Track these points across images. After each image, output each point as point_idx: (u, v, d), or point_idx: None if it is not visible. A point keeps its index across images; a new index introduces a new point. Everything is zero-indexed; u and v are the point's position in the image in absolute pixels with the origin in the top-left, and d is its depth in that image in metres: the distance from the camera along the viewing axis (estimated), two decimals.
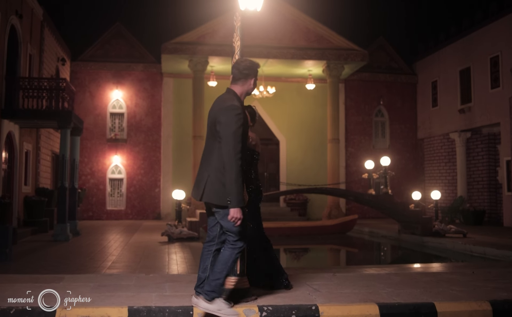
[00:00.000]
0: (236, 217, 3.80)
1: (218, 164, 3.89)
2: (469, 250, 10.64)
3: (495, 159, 18.20)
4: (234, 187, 3.77)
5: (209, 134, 4.05)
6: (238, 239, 3.96)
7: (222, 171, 3.86)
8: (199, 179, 4.04)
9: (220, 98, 4.11)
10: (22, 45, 14.15)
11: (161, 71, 20.50)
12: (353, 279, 5.62)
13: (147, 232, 14.29)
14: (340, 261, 12.12)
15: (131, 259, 8.74)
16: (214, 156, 3.94)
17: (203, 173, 4.01)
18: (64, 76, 18.90)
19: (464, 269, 6.75)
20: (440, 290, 5.02)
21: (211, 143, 4.00)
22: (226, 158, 3.79)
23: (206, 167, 3.99)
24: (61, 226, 12.11)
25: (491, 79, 17.45)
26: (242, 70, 4.10)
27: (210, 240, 4.19)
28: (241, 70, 4.10)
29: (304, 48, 18.55)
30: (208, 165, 3.97)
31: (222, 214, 3.95)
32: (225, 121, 3.85)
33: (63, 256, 9.19)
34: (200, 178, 4.04)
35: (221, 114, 3.90)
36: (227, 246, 3.99)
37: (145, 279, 5.54)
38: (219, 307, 3.92)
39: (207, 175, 3.94)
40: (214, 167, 3.92)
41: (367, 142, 21.97)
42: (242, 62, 4.15)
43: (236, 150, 3.78)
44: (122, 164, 20.56)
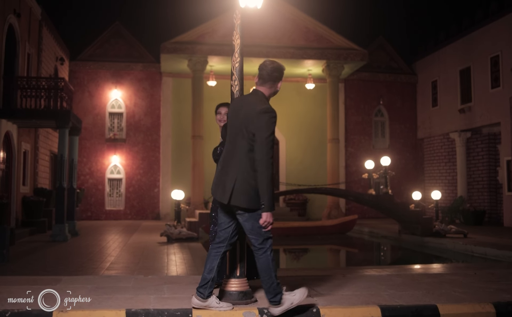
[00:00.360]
0: (269, 221, 3.82)
1: (248, 166, 3.86)
2: (470, 250, 10.58)
3: (495, 159, 18.15)
4: (267, 191, 3.77)
5: (235, 135, 3.98)
6: (263, 239, 3.94)
7: (251, 174, 3.85)
8: (225, 180, 3.94)
9: (249, 99, 4.06)
10: (20, 44, 14.07)
11: (160, 70, 20.42)
12: (354, 280, 5.55)
13: (146, 232, 14.23)
14: (340, 262, 12.06)
15: (129, 260, 8.67)
16: (242, 158, 3.88)
17: (229, 175, 3.93)
18: (63, 75, 18.82)
19: (465, 270, 6.69)
20: (443, 291, 4.95)
21: (239, 144, 3.92)
22: (261, 162, 3.78)
23: (232, 169, 3.92)
24: (59, 226, 12.04)
25: (492, 78, 17.39)
26: (271, 72, 4.07)
27: (220, 242, 4.11)
28: (270, 73, 4.07)
29: (304, 47, 18.49)
30: (235, 167, 3.90)
31: (247, 217, 3.92)
32: (261, 125, 3.81)
33: (61, 257, 9.12)
34: (225, 179, 3.94)
35: (257, 117, 3.84)
36: (258, 253, 3.96)
37: (144, 280, 5.47)
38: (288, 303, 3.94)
39: (235, 177, 3.87)
40: (243, 170, 3.87)
41: (367, 142, 21.92)
42: (271, 64, 4.10)
43: (270, 155, 3.80)
44: (121, 164, 20.49)
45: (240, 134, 3.93)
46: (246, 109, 3.95)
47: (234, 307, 4.15)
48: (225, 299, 4.28)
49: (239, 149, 3.91)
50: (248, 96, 4.13)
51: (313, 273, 5.94)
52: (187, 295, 4.58)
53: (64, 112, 12.99)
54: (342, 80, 21.00)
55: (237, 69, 4.54)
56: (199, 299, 4.02)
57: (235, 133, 3.98)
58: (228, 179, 3.91)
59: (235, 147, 3.95)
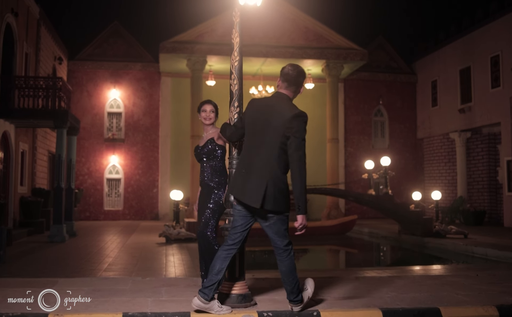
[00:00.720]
0: (305, 223, 3.85)
1: (278, 170, 3.86)
2: (470, 251, 10.51)
3: (495, 159, 18.08)
4: (304, 194, 3.82)
5: (261, 137, 3.91)
6: (288, 241, 3.98)
7: (281, 177, 3.87)
8: (252, 184, 3.86)
9: (276, 103, 3.99)
10: (18, 43, 13.99)
11: (159, 70, 20.34)
12: (355, 282, 5.48)
13: (145, 233, 14.15)
14: (340, 263, 11.99)
15: (128, 261, 8.59)
16: (273, 162, 3.85)
17: (257, 178, 3.85)
18: (61, 75, 18.74)
19: (467, 271, 6.62)
20: (445, 294, 4.88)
21: (269, 147, 3.87)
22: (297, 165, 3.80)
23: (261, 172, 3.86)
24: (57, 227, 11.95)
25: (492, 78, 17.32)
26: (297, 77, 4.07)
27: (233, 244, 4.02)
28: (296, 78, 4.07)
29: (303, 47, 18.41)
30: (265, 170, 3.85)
31: (275, 220, 3.92)
32: (297, 129, 3.82)
33: (58, 258, 9.04)
34: (253, 183, 3.86)
35: (292, 121, 3.83)
36: (283, 255, 3.97)
37: (141, 282, 5.39)
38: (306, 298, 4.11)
39: (266, 181, 3.82)
40: (274, 173, 3.85)
41: (367, 142, 21.85)
42: (296, 69, 4.09)
43: (304, 158, 3.85)
44: (119, 164, 20.40)
45: (271, 137, 3.87)
46: (278, 113, 3.90)
47: (234, 310, 4.08)
48: (224, 302, 4.20)
49: (269, 152, 3.86)
50: (274, 99, 4.06)
51: (313, 275, 5.85)
52: (185, 298, 4.50)
53: (62, 112, 12.90)
54: (342, 79, 20.94)
55: (236, 68, 4.46)
56: (202, 301, 3.90)
57: (262, 135, 3.91)
58: (257, 182, 3.84)
59: (262, 150, 3.89)
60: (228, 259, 3.98)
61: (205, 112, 4.84)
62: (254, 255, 11.76)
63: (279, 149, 3.84)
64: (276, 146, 3.84)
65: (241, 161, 4.07)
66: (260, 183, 3.82)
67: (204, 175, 4.75)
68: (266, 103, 4.07)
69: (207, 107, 4.86)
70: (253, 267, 7.62)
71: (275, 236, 3.97)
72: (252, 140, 4.00)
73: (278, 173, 3.85)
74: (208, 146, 4.73)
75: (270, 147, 3.87)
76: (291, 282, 3.97)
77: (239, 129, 4.21)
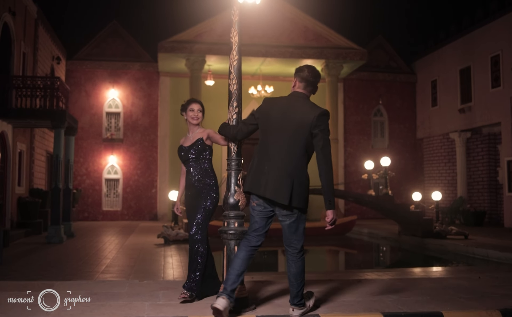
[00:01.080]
0: (335, 218, 3.92)
1: (303, 167, 3.93)
2: (471, 252, 10.44)
3: (495, 159, 18.02)
4: (332, 189, 3.90)
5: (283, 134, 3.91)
6: (303, 242, 4.01)
7: (305, 174, 3.94)
8: (281, 181, 3.85)
9: (298, 101, 3.99)
10: (15, 43, 13.89)
11: (157, 70, 20.24)
12: (356, 285, 5.39)
13: (143, 233, 14.06)
14: (339, 264, 11.91)
15: (125, 263, 8.51)
16: (298, 159, 3.89)
17: (282, 175, 3.86)
18: (60, 75, 18.64)
19: (469, 273, 6.54)
20: (447, 297, 4.80)
21: (294, 145, 3.88)
22: (325, 162, 3.86)
23: (286, 169, 3.87)
24: (55, 228, 11.85)
25: (492, 78, 17.25)
26: (315, 79, 4.07)
27: (257, 245, 4.02)
28: (314, 79, 4.07)
29: (303, 46, 18.33)
30: (290, 167, 3.87)
31: (296, 218, 3.95)
32: (324, 127, 3.88)
33: (55, 260, 8.94)
34: (281, 179, 3.86)
35: (319, 119, 3.87)
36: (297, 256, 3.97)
37: (139, 286, 5.30)
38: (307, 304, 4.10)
39: (292, 178, 3.85)
40: (299, 171, 3.90)
41: (366, 142, 21.77)
42: (314, 71, 4.09)
43: (330, 155, 3.92)
44: (118, 164, 20.31)
45: (295, 135, 3.88)
46: (302, 111, 3.92)
47: (232, 315, 3.99)
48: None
49: (294, 150, 3.88)
50: (294, 98, 4.03)
51: (314, 278, 5.78)
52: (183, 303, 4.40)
53: (59, 112, 12.81)
54: (341, 79, 20.87)
55: (235, 67, 4.37)
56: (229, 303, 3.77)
57: (285, 133, 3.90)
58: (284, 180, 3.84)
59: (286, 147, 3.89)
60: (250, 260, 3.99)
61: (193, 112, 4.74)
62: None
63: (303, 146, 3.89)
64: (301, 143, 3.88)
65: (261, 159, 3.99)
66: (286, 180, 3.84)
67: (192, 177, 4.64)
68: (287, 101, 4.04)
69: (195, 106, 4.76)
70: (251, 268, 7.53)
71: (293, 235, 3.97)
72: (272, 138, 3.95)
73: (303, 171, 3.93)
74: (197, 146, 4.64)
75: (295, 144, 3.88)
76: (299, 284, 3.96)
77: (249, 125, 4.15)
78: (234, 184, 4.32)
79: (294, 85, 4.10)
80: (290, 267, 3.98)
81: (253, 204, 4.02)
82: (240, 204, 4.30)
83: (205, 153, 4.65)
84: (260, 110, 4.10)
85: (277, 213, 3.98)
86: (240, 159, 4.39)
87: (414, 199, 13.34)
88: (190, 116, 4.75)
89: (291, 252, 4.00)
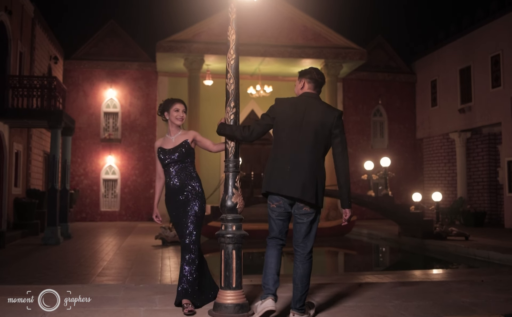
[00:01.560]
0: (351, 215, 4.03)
1: (323, 167, 4.00)
2: (472, 253, 10.33)
3: (496, 159, 17.92)
4: (349, 188, 4.00)
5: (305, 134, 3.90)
6: (313, 244, 3.99)
7: (324, 174, 4.00)
8: (306, 180, 3.84)
9: (315, 102, 4.01)
10: (12, 42, 13.76)
11: (156, 69, 20.12)
12: (356, 289, 5.28)
13: (141, 234, 13.95)
14: (339, 266, 11.80)
15: (122, 265, 8.39)
16: (318, 160, 3.93)
17: (306, 175, 3.86)
18: (57, 74, 18.50)
19: (472, 276, 6.43)
20: (450, 302, 4.69)
21: (315, 145, 3.90)
22: (345, 162, 3.95)
23: (312, 169, 3.88)
24: (51, 229, 11.72)
25: (492, 78, 17.14)
26: (323, 79, 4.12)
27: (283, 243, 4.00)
28: (322, 81, 4.12)
29: (302, 46, 18.22)
30: (314, 167, 3.89)
31: (313, 217, 3.95)
32: (342, 128, 3.99)
33: (51, 262, 8.82)
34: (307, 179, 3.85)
35: (338, 120, 3.95)
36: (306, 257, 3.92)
37: (135, 290, 5.19)
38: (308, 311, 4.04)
39: (315, 178, 3.88)
40: (320, 170, 3.95)
41: (366, 142, 21.67)
42: (320, 72, 4.15)
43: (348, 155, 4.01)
44: (116, 164, 20.18)
45: (317, 135, 3.90)
46: (322, 111, 3.95)
47: None
48: (220, 312, 4.00)
49: (316, 149, 3.90)
50: (310, 98, 4.02)
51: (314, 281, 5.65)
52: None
53: (56, 112, 12.69)
54: (340, 79, 20.75)
55: (232, 66, 4.24)
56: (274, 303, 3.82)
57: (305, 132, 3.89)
58: (309, 179, 3.85)
59: (308, 147, 3.88)
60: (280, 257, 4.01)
61: (178, 112, 4.50)
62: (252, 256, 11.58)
63: (324, 146, 3.95)
64: (323, 143, 3.93)
65: (281, 158, 3.92)
66: (312, 179, 3.85)
67: (175, 182, 4.44)
68: (304, 101, 4.01)
69: (180, 106, 4.54)
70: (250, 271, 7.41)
71: (307, 236, 3.93)
72: (293, 138, 3.91)
73: (323, 170, 3.98)
74: (182, 149, 4.44)
75: (316, 144, 3.90)
76: (304, 287, 3.89)
77: (264, 125, 4.07)
78: (232, 186, 4.18)
79: (302, 87, 4.08)
80: (297, 268, 3.91)
81: (273, 205, 3.94)
82: (238, 207, 4.16)
83: (190, 156, 4.47)
84: (276, 110, 4.04)
85: (296, 213, 3.91)
86: (238, 161, 4.25)
87: (414, 199, 13.24)
88: (175, 116, 4.50)
89: (301, 252, 3.93)
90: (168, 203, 4.54)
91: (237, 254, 4.12)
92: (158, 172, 4.67)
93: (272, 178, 3.92)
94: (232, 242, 4.10)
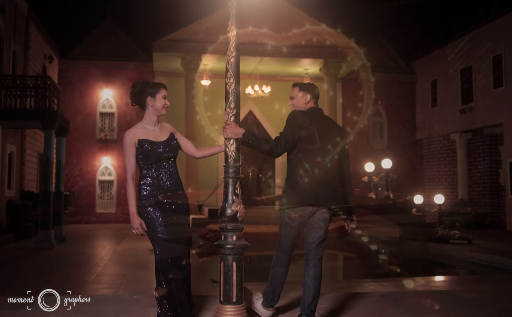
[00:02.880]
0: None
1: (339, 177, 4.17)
2: (476, 258, 10.06)
3: (497, 160, 17.69)
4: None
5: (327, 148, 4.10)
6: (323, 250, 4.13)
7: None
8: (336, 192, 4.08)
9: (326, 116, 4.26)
10: (5, 41, 13.47)
11: (152, 69, 19.81)
12: (361, 299, 5.01)
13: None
14: (338, 271, 11.54)
15: (117, 271, 8.11)
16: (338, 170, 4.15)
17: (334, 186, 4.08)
18: (52, 74, 18.19)
19: (481, 284, 6.17)
20: (462, 315, 4.43)
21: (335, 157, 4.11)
22: (350, 173, 4.27)
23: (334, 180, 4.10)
24: (45, 232, 11.43)
25: (494, 78, 16.92)
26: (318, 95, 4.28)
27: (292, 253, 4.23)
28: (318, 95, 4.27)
29: (301, 46, 17.98)
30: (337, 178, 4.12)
31: (328, 224, 4.10)
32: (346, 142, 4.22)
33: (43, 268, 8.53)
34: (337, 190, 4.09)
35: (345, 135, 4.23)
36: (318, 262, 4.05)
37: (128, 301, 4.92)
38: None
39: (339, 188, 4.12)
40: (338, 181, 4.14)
41: (365, 143, 21.42)
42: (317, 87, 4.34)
43: None
44: (112, 165, 19.87)
45: (335, 149, 4.10)
46: (337, 127, 4.27)
47: None
48: None
49: (335, 162, 4.10)
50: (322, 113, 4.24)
51: None
52: None
53: (50, 112, 12.39)
54: (340, 79, 20.51)
55: (232, 64, 3.95)
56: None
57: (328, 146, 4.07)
58: (338, 190, 4.10)
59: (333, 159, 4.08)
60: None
61: (166, 100, 3.96)
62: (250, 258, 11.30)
63: (337, 159, 4.13)
64: (339, 157, 4.14)
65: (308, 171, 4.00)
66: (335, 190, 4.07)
67: (164, 183, 3.82)
68: (321, 115, 4.21)
69: (166, 93, 4.00)
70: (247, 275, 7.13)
71: (321, 242, 4.08)
72: (319, 150, 4.04)
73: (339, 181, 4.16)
74: (172, 142, 3.91)
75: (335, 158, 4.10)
76: (317, 290, 3.98)
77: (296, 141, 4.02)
78: (232, 193, 3.88)
79: (308, 101, 4.18)
80: (310, 270, 4.01)
81: (295, 215, 4.02)
82: (239, 216, 3.86)
83: (175, 156, 3.95)
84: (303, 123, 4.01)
85: (315, 219, 4.02)
86: (239, 166, 3.94)
87: (415, 202, 13.00)
88: (163, 104, 3.92)
89: (315, 256, 4.06)
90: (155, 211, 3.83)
91: (238, 266, 3.83)
92: (132, 172, 3.84)
93: (308, 190, 3.94)
94: (232, 254, 3.82)
